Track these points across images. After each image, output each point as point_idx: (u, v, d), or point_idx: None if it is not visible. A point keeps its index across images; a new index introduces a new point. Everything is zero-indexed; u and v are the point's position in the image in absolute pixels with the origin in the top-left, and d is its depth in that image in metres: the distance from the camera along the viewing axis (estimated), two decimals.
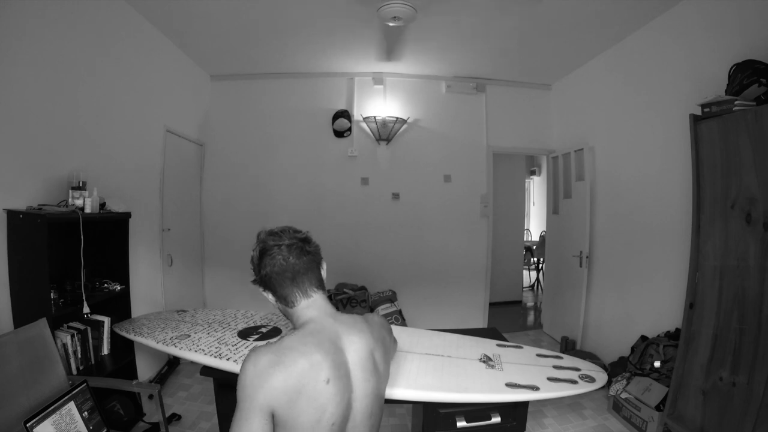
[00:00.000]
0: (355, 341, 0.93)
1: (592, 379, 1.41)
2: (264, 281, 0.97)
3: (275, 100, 3.92)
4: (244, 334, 1.78)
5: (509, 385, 1.34)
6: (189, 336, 1.75)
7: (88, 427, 1.47)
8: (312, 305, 0.97)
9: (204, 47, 3.25)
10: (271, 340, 1.69)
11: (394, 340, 1.36)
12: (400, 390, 1.30)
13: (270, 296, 0.99)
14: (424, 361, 1.48)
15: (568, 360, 1.58)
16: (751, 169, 1.67)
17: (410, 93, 3.95)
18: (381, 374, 0.98)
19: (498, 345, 1.70)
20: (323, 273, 1.03)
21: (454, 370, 1.44)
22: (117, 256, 2.26)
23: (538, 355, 1.61)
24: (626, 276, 2.94)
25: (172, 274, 3.20)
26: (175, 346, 1.64)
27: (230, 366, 1.45)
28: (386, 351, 1.06)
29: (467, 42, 3.14)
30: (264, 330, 1.85)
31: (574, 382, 1.39)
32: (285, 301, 0.97)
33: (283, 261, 0.95)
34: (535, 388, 1.33)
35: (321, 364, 0.83)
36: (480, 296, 4.11)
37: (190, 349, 1.59)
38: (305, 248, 0.99)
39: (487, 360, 1.52)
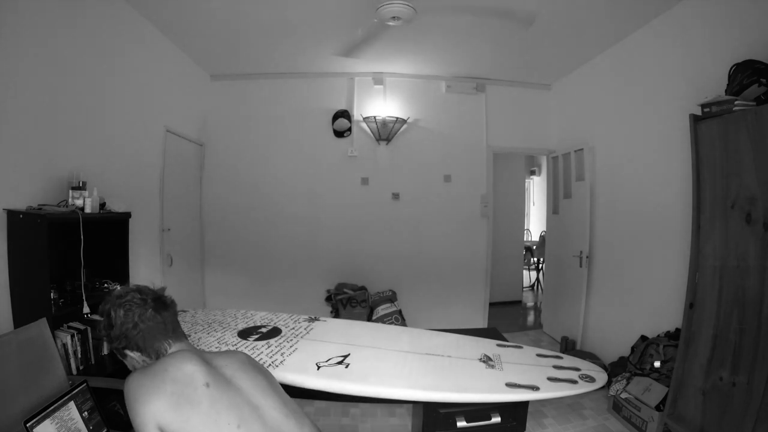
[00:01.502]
0: (224, 360, 0.97)
1: (592, 379, 1.42)
2: (131, 339, 0.94)
3: (275, 100, 3.92)
4: (244, 334, 1.78)
5: (509, 385, 1.35)
6: (189, 336, 1.74)
7: (88, 427, 1.47)
8: (179, 346, 0.98)
9: (204, 47, 3.25)
10: (279, 339, 1.69)
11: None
12: (400, 390, 1.30)
13: (134, 354, 0.95)
14: (425, 361, 1.48)
15: (568, 360, 1.58)
16: (751, 169, 1.66)
17: (410, 93, 3.95)
18: (266, 375, 1.00)
19: (498, 345, 1.70)
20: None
21: (454, 370, 1.44)
22: (117, 256, 2.26)
23: (538, 355, 1.61)
24: (626, 276, 2.94)
25: (172, 274, 3.20)
26: None
27: None
28: (259, 364, 1.06)
29: (467, 42, 3.14)
30: (264, 330, 1.85)
31: (574, 382, 1.39)
32: (156, 354, 0.95)
33: (163, 313, 0.98)
34: (535, 388, 1.33)
35: (194, 372, 0.86)
36: (480, 296, 4.11)
37: None
38: (164, 301, 1.02)
39: (487, 360, 1.52)
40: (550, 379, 1.40)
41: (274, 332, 1.81)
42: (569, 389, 1.36)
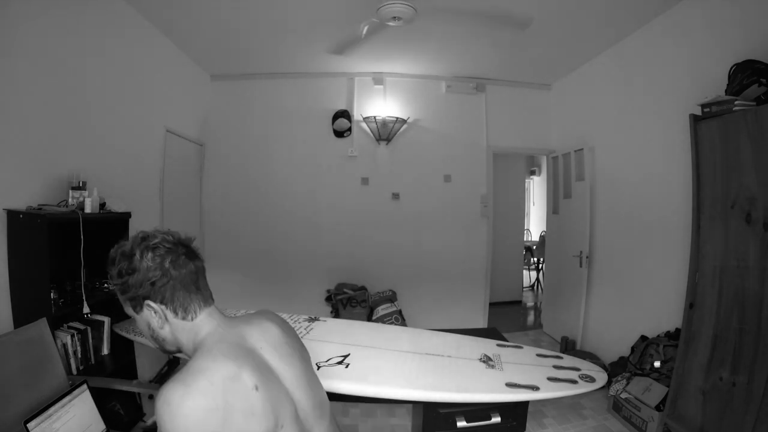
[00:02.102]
0: (259, 336, 0.86)
1: (592, 379, 1.41)
2: (157, 288, 0.80)
3: (275, 100, 3.92)
4: None
5: (509, 385, 1.34)
6: None
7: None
8: (211, 314, 0.85)
9: (204, 47, 3.25)
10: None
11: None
12: (400, 390, 1.30)
13: (157, 306, 0.81)
14: (424, 361, 1.48)
15: (568, 360, 1.58)
16: (751, 169, 1.67)
17: (410, 93, 3.95)
18: (300, 353, 0.92)
19: (498, 345, 1.70)
20: None
21: (454, 370, 1.44)
22: None
23: (538, 355, 1.61)
24: (626, 276, 2.94)
25: None
26: None
27: None
28: (287, 332, 0.95)
29: (467, 42, 3.14)
30: None
31: (574, 382, 1.39)
32: (184, 313, 0.82)
33: (194, 263, 0.85)
34: (535, 388, 1.33)
35: (240, 374, 0.74)
36: (480, 296, 4.11)
37: None
38: (195, 251, 0.88)
39: (487, 360, 1.52)
40: (550, 379, 1.40)
41: None
42: (569, 389, 1.36)
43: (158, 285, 0.80)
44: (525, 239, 6.04)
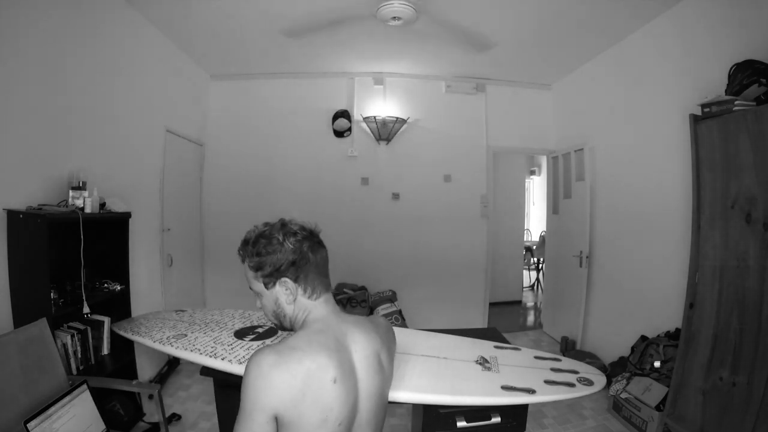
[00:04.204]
0: (360, 340, 0.92)
1: (590, 383, 1.40)
2: (299, 268, 0.92)
3: (275, 100, 3.92)
4: (240, 334, 1.78)
5: (505, 387, 1.33)
6: (186, 335, 1.74)
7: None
8: (328, 301, 0.97)
9: (204, 47, 3.25)
10: (275, 340, 1.69)
11: (393, 340, 1.37)
12: (395, 392, 1.29)
13: (290, 284, 0.92)
14: (420, 363, 1.47)
15: (566, 362, 1.56)
16: (751, 169, 1.66)
17: (410, 93, 3.95)
18: (386, 374, 0.97)
19: (495, 347, 1.69)
20: None
21: (449, 372, 1.42)
22: (117, 256, 2.26)
23: (536, 358, 1.60)
24: (626, 276, 2.94)
25: (172, 274, 3.20)
26: (171, 345, 1.63)
27: (225, 365, 1.45)
28: (390, 353, 1.04)
29: (467, 42, 3.13)
30: (260, 330, 1.85)
31: (571, 385, 1.38)
32: (311, 292, 0.94)
33: (324, 251, 0.98)
34: (531, 392, 1.31)
35: (327, 365, 0.82)
36: (480, 296, 4.10)
37: (186, 349, 1.58)
38: (322, 241, 1.02)
39: (483, 362, 1.51)
40: (547, 382, 1.38)
41: (271, 332, 1.81)
42: (566, 393, 1.34)
43: (298, 265, 0.92)
44: (525, 239, 6.04)
